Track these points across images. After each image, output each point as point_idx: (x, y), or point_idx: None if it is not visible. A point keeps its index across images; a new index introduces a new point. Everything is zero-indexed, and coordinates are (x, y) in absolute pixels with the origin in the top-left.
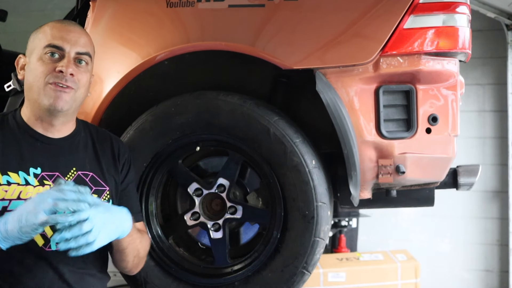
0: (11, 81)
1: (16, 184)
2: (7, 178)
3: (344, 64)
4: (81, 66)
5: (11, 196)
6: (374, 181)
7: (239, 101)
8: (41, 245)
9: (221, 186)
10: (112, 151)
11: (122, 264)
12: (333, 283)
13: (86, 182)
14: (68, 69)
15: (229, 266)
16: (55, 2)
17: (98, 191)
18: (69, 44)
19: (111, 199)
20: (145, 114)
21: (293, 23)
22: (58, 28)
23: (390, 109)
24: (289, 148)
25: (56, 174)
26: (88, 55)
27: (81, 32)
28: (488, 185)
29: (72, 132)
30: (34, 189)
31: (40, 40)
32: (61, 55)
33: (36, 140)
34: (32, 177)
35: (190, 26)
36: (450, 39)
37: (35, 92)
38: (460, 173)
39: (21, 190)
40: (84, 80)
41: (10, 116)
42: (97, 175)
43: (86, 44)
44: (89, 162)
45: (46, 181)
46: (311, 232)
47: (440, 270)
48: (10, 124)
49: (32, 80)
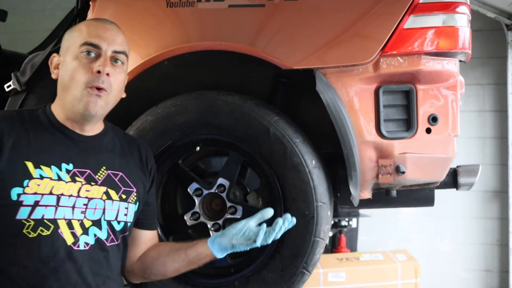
0: (11, 81)
1: (49, 178)
2: (40, 172)
3: (344, 64)
4: (118, 66)
5: (43, 190)
6: (374, 181)
7: (239, 101)
8: (70, 243)
9: (221, 186)
10: (140, 155)
11: (163, 269)
12: (333, 283)
13: (115, 182)
14: (105, 68)
15: (229, 266)
16: (55, 2)
17: (126, 192)
18: (106, 42)
19: (138, 201)
20: (145, 114)
21: (293, 23)
22: (95, 26)
23: (390, 109)
24: (289, 148)
25: (87, 172)
26: (124, 54)
27: (117, 31)
28: (488, 185)
29: (101, 132)
30: (66, 185)
31: (76, 38)
32: (97, 53)
33: (67, 136)
34: (65, 172)
35: (190, 26)
36: (450, 39)
37: (71, 94)
38: (460, 173)
39: (53, 185)
40: (118, 81)
41: (41, 111)
42: (126, 176)
43: (123, 43)
44: (118, 162)
45: (78, 178)
46: (311, 232)
47: (440, 270)
48: (41, 119)
49: (68, 80)
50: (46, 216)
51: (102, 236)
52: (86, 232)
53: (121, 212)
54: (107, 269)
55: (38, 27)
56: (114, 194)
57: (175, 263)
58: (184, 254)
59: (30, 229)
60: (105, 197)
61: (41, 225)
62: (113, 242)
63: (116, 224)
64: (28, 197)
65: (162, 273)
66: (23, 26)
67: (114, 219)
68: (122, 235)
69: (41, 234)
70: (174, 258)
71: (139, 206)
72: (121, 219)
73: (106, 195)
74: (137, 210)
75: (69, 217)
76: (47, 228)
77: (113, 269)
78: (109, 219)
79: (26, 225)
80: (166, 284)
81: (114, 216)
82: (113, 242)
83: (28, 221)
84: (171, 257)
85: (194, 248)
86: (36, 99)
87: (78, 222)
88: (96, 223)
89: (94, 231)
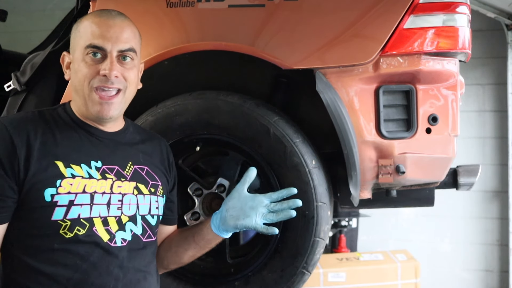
0: (11, 81)
1: (80, 177)
2: (71, 171)
3: (344, 64)
4: (126, 63)
5: (76, 189)
6: (374, 181)
7: (239, 101)
8: (106, 240)
9: (221, 186)
10: (161, 150)
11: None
12: (333, 283)
13: (142, 176)
14: (112, 72)
15: (229, 266)
16: (55, 2)
17: (154, 185)
18: (110, 42)
19: (165, 195)
20: (145, 114)
21: (293, 23)
22: (97, 24)
23: (390, 109)
24: (289, 148)
25: (116, 168)
26: (132, 50)
27: (122, 25)
28: (488, 185)
29: (123, 128)
30: (98, 182)
31: (81, 38)
32: (103, 54)
33: (91, 134)
34: (94, 170)
35: (190, 26)
36: (450, 39)
37: (81, 97)
38: (460, 173)
39: (85, 183)
40: (132, 77)
41: (61, 110)
42: (151, 170)
43: (129, 38)
44: (143, 157)
45: (108, 175)
46: (311, 232)
47: (440, 270)
48: (63, 118)
49: (78, 84)
50: (82, 215)
51: (138, 232)
52: (123, 228)
53: (153, 206)
54: (146, 265)
55: (38, 27)
56: (144, 188)
57: (187, 251)
58: (193, 241)
59: (67, 229)
60: (136, 192)
61: (78, 224)
62: (150, 238)
63: (150, 218)
64: (63, 197)
65: (178, 261)
66: (23, 26)
67: (147, 213)
68: (157, 230)
69: (78, 233)
70: (184, 247)
71: (165, 199)
72: (154, 213)
73: (136, 190)
74: (165, 204)
75: (105, 214)
76: (83, 227)
77: (151, 265)
78: (143, 213)
79: (62, 226)
80: (166, 284)
81: (147, 210)
82: (150, 238)
83: (64, 222)
84: (182, 247)
85: (200, 235)
86: (36, 99)
87: (115, 218)
88: (132, 219)
89: (130, 226)
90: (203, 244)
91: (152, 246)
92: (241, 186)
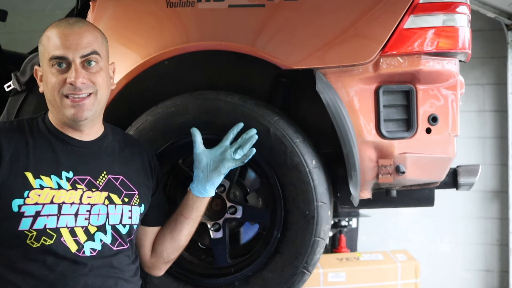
0: (11, 81)
1: (49, 188)
2: (40, 182)
3: (344, 64)
4: (92, 68)
5: (44, 200)
6: (374, 181)
7: (239, 101)
8: (74, 250)
9: (221, 186)
10: (141, 156)
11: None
12: (333, 283)
13: (116, 186)
14: (77, 80)
15: (229, 266)
16: (55, 2)
17: (128, 195)
18: (70, 50)
19: (142, 203)
20: (145, 114)
21: (293, 23)
22: (57, 35)
23: (390, 109)
24: (289, 148)
25: (87, 178)
26: (95, 53)
27: (80, 31)
28: (488, 185)
29: (101, 135)
30: (67, 193)
31: (45, 51)
32: (67, 63)
33: (67, 143)
34: (65, 181)
35: (190, 26)
36: (450, 39)
37: (55, 106)
38: (460, 173)
39: (54, 194)
40: (100, 80)
41: (40, 119)
42: (127, 179)
43: (90, 43)
44: (118, 166)
45: (78, 185)
46: (311, 232)
47: (440, 270)
48: (40, 128)
49: (49, 95)
50: (49, 225)
51: (107, 241)
52: (91, 238)
53: (125, 215)
54: (119, 272)
55: (38, 27)
56: (117, 198)
57: (182, 231)
58: (184, 218)
59: (33, 239)
60: (107, 202)
61: (44, 234)
62: (121, 246)
63: (121, 228)
64: (29, 208)
65: (177, 246)
66: (23, 26)
67: (118, 222)
68: (129, 239)
69: (44, 243)
70: (178, 228)
71: (144, 207)
72: (126, 222)
73: (108, 200)
74: (142, 212)
75: (72, 225)
76: (50, 238)
77: (125, 273)
78: (114, 223)
79: (28, 236)
80: (166, 284)
81: (119, 220)
82: (121, 246)
83: (30, 232)
84: (176, 230)
85: (187, 207)
86: (36, 99)
87: (82, 229)
88: (101, 228)
89: (100, 236)
90: (194, 216)
91: (126, 251)
92: (198, 150)
